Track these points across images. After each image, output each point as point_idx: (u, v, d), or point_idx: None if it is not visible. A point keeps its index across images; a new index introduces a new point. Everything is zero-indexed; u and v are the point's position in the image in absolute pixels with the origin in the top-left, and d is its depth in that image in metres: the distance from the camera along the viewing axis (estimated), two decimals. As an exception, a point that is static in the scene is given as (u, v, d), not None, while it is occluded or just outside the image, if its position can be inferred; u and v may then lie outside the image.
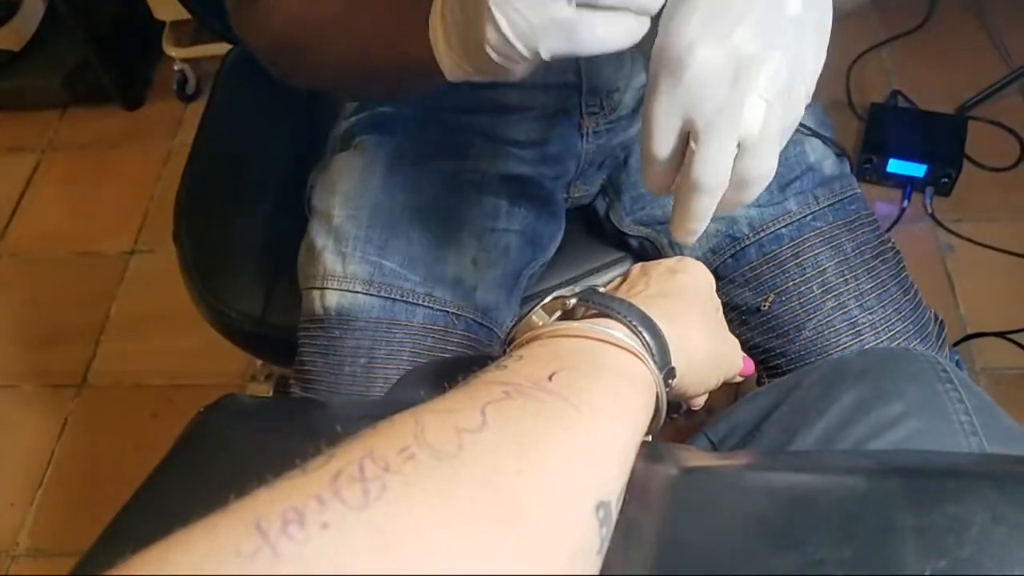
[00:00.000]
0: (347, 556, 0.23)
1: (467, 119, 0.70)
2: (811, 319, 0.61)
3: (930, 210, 1.34)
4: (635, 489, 0.33)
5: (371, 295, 0.63)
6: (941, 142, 1.34)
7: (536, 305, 0.42)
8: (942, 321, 0.65)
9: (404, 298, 0.63)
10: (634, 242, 0.75)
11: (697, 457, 0.39)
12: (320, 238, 0.66)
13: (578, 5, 0.33)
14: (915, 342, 0.61)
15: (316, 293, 0.65)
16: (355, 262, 0.64)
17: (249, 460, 0.26)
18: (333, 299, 0.64)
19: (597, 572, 0.30)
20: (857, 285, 0.62)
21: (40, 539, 1.22)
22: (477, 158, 0.70)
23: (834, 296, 0.61)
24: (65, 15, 1.56)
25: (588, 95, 0.69)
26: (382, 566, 0.23)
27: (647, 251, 0.74)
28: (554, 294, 0.41)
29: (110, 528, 0.37)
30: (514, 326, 0.40)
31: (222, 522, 0.23)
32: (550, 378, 0.33)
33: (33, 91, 1.72)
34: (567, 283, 0.76)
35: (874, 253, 0.63)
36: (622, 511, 0.32)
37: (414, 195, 0.67)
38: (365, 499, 0.24)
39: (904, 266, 0.65)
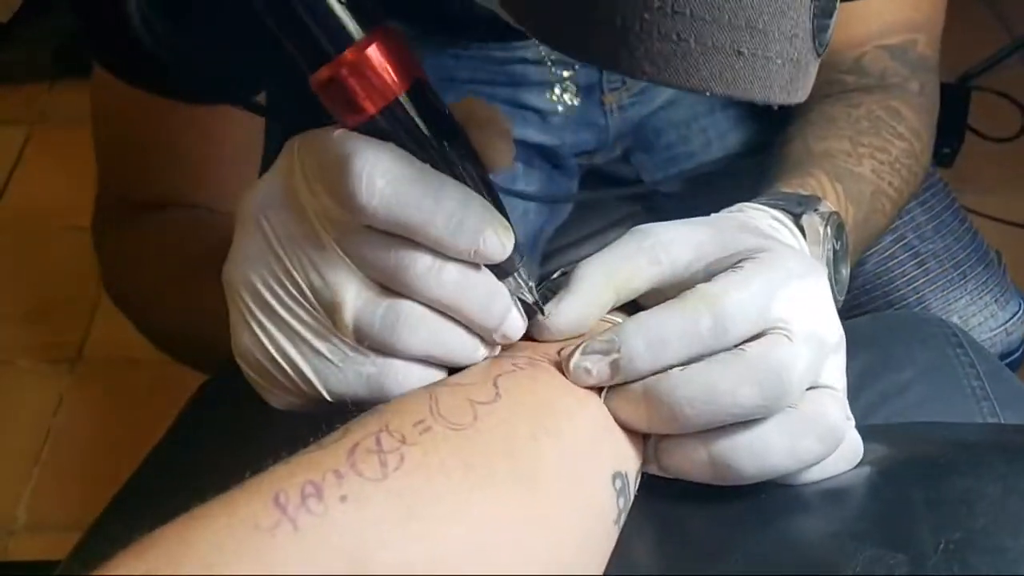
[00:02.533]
0: (367, 527, 0.23)
1: (487, 89, 0.69)
2: (871, 253, 0.61)
3: (939, 177, 1.33)
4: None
5: None
6: (943, 113, 1.32)
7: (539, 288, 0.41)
8: (998, 251, 0.66)
9: None
10: (648, 188, 0.75)
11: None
12: None
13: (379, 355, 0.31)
14: (979, 269, 0.62)
15: None
16: None
17: (260, 435, 0.26)
18: None
19: (614, 542, 0.30)
20: (912, 217, 0.62)
21: (38, 514, 1.22)
22: None
23: (890, 229, 0.61)
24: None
25: (609, 71, 0.68)
26: (402, 535, 0.23)
27: (661, 207, 0.74)
28: (560, 270, 0.41)
29: (119, 500, 0.36)
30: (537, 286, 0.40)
31: (240, 497, 0.23)
32: (559, 353, 0.33)
33: (21, 64, 1.69)
34: (583, 240, 0.77)
35: (924, 185, 0.63)
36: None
37: None
38: (383, 471, 0.24)
39: (955, 197, 0.65)
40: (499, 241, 0.30)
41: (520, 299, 0.33)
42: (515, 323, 0.32)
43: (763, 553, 0.29)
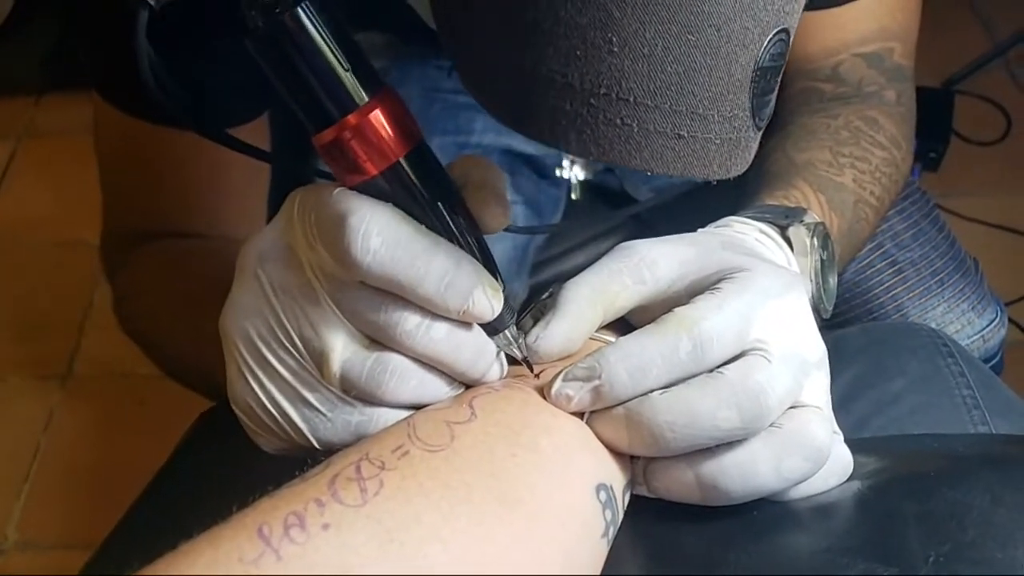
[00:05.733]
0: (350, 552, 0.23)
1: (469, 99, 0.70)
2: (850, 262, 0.62)
3: (918, 183, 1.34)
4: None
5: None
6: (928, 117, 1.33)
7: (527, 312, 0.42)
8: (976, 259, 0.67)
9: None
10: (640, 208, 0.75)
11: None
12: None
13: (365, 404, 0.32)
14: (956, 276, 0.63)
15: None
16: None
17: (249, 472, 0.27)
18: None
19: (603, 557, 0.30)
20: (890, 225, 0.63)
21: (28, 532, 1.21)
22: (481, 133, 0.69)
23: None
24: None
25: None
26: (383, 558, 0.24)
27: (649, 217, 0.74)
28: (548, 291, 0.41)
29: (114, 536, 0.36)
30: (528, 300, 0.40)
31: (225, 532, 0.23)
32: (537, 376, 0.33)
33: (8, 77, 1.68)
34: (573, 249, 0.77)
35: (902, 194, 0.64)
36: None
37: None
38: (363, 497, 0.25)
39: (934, 205, 0.66)
40: (488, 302, 0.31)
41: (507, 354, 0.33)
42: (495, 375, 0.33)
43: (755, 570, 0.29)
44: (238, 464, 0.34)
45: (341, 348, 0.30)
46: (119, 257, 0.57)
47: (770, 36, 0.26)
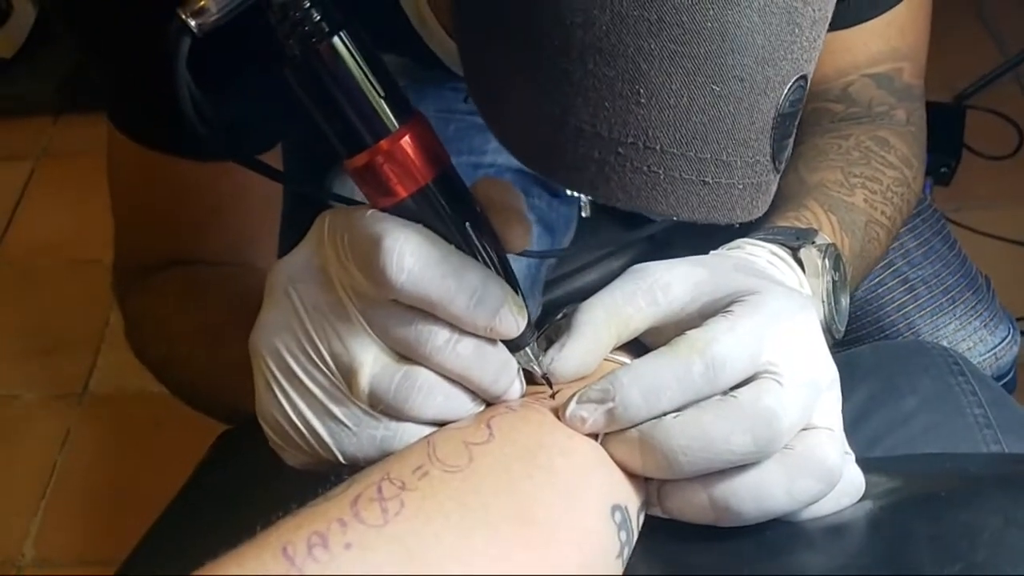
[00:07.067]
0: (371, 572, 0.24)
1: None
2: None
3: (930, 200, 1.34)
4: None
5: None
6: (939, 132, 1.33)
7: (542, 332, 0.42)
8: (987, 276, 0.67)
9: None
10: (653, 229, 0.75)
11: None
12: None
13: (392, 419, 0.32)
14: (968, 294, 0.64)
15: None
16: None
17: (272, 489, 0.27)
18: None
19: None
20: (901, 243, 0.64)
21: (45, 550, 1.22)
22: (495, 153, 0.70)
23: None
24: (56, 21, 1.55)
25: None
26: None
27: (662, 235, 0.74)
28: (562, 312, 0.41)
29: (137, 554, 0.37)
30: (541, 321, 0.41)
31: (250, 551, 0.24)
32: (552, 396, 0.34)
33: (26, 98, 1.71)
34: (585, 267, 0.78)
35: (914, 212, 0.64)
36: None
37: None
38: (384, 517, 0.25)
39: (945, 223, 0.66)
40: (513, 319, 0.32)
41: (526, 369, 0.34)
42: (516, 391, 0.34)
43: (768, 590, 0.29)
44: (260, 483, 0.35)
45: (371, 363, 0.31)
46: (131, 284, 0.58)
47: (790, 84, 0.27)
